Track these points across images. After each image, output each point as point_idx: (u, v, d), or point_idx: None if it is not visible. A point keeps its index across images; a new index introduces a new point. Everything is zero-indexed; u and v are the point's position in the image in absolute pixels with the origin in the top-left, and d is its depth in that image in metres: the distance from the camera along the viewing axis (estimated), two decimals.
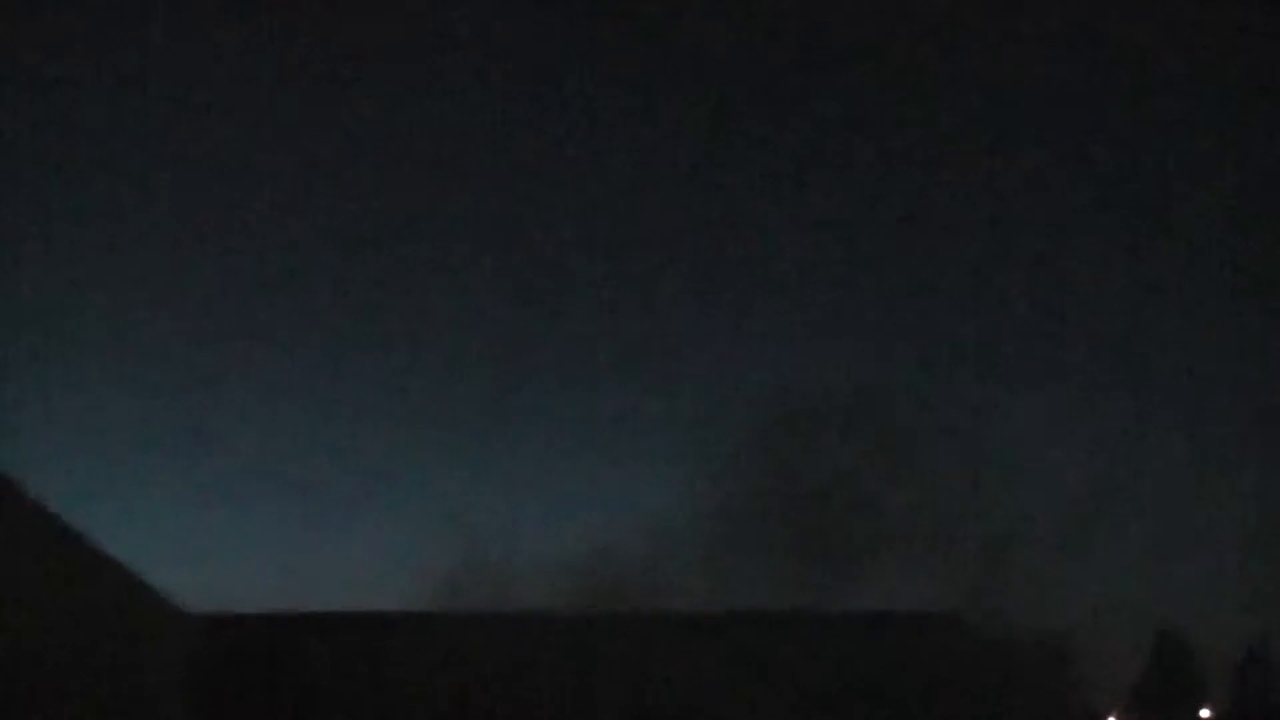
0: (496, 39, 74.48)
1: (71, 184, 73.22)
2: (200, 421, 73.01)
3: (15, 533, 36.83)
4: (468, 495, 65.82)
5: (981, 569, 51.92)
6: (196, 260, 75.01)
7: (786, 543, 51.50)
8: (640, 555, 51.76)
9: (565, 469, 71.23)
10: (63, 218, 71.85)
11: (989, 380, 67.23)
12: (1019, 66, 73.91)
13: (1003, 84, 74.30)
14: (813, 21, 73.32)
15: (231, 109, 74.50)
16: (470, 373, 73.95)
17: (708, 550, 51.98)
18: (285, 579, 58.92)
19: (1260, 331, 70.44)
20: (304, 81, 75.68)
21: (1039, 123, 74.76)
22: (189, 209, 73.82)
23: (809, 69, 75.52)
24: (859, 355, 68.17)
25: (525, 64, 76.11)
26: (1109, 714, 55.11)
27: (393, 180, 75.64)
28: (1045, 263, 72.60)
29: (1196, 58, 70.34)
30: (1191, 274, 72.39)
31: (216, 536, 68.81)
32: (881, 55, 73.69)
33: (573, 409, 73.16)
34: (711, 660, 45.42)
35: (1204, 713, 54.35)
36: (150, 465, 71.31)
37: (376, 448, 73.57)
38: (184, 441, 73.00)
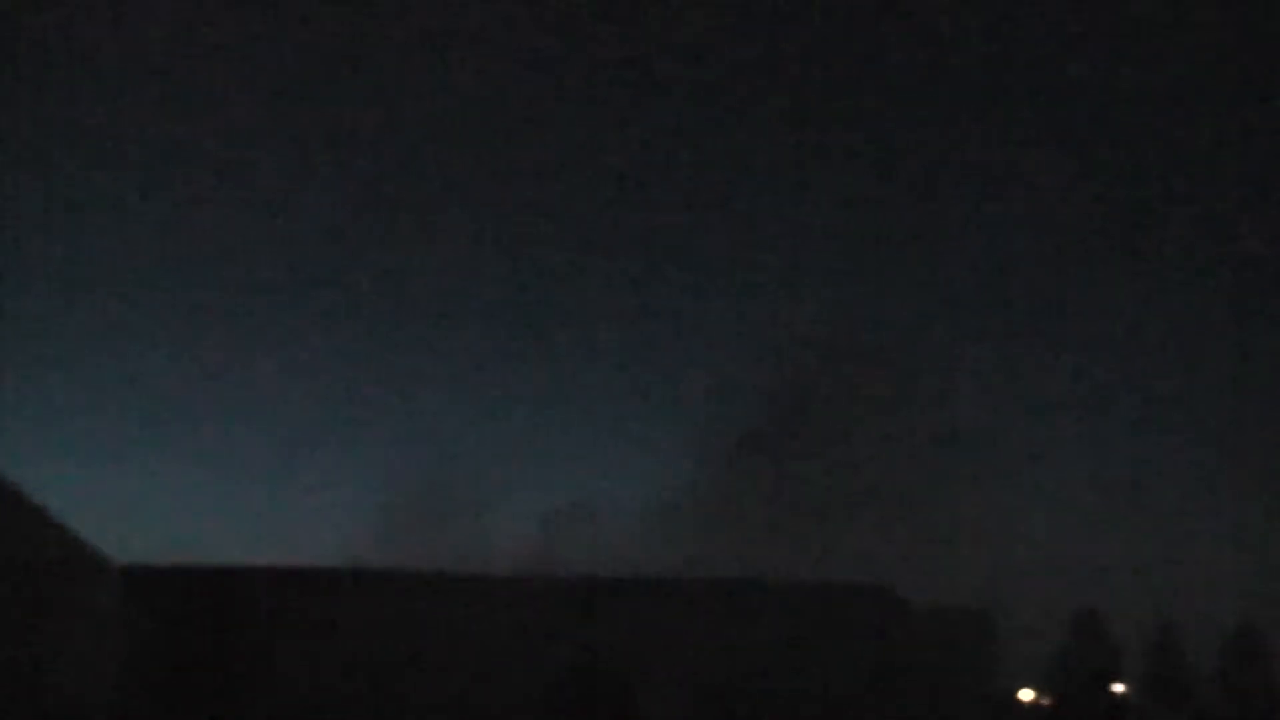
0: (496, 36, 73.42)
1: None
2: (139, 374, 71.86)
3: None
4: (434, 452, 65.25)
5: (917, 545, 52.63)
6: (153, 220, 73.32)
7: (745, 516, 51.68)
8: (605, 524, 51.55)
9: (552, 430, 71.08)
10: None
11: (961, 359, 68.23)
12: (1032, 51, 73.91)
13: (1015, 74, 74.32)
14: None
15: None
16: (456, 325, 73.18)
17: (672, 523, 52.02)
18: (219, 533, 57.92)
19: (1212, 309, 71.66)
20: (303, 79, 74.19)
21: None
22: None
23: (840, 31, 75.06)
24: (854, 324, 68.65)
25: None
26: (1026, 686, 56.06)
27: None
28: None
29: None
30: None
31: (149, 488, 67.81)
32: (895, 39, 73.51)
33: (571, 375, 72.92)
34: (663, 624, 45.46)
35: (1117, 688, 55.43)
36: (82, 417, 70.11)
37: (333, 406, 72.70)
38: (119, 396, 71.87)
